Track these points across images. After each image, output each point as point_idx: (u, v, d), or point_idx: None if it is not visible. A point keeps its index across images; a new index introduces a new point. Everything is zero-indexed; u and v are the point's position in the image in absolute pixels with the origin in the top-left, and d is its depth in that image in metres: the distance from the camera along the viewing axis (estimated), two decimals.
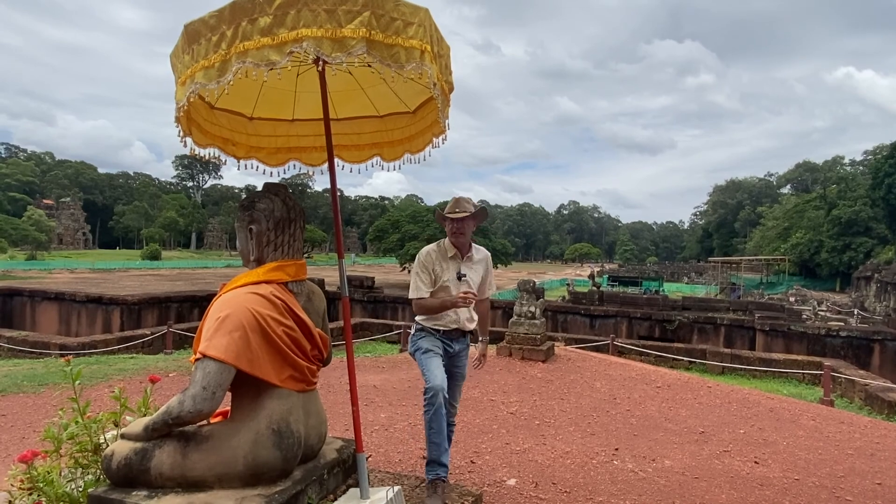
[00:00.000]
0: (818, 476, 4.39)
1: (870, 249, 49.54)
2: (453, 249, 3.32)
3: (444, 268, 3.30)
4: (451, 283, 3.29)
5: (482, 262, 3.47)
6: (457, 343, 3.36)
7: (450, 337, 3.33)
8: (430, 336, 3.31)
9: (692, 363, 11.42)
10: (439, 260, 3.31)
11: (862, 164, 71.86)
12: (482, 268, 3.46)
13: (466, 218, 3.27)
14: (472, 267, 3.39)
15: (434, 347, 3.27)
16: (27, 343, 10.60)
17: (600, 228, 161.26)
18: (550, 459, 4.46)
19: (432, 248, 3.36)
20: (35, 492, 2.18)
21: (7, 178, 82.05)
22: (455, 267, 3.32)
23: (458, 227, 3.26)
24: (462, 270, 3.31)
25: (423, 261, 3.30)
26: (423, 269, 3.28)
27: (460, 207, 3.27)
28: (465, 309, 3.32)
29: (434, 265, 3.30)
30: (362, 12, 1.98)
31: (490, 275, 3.54)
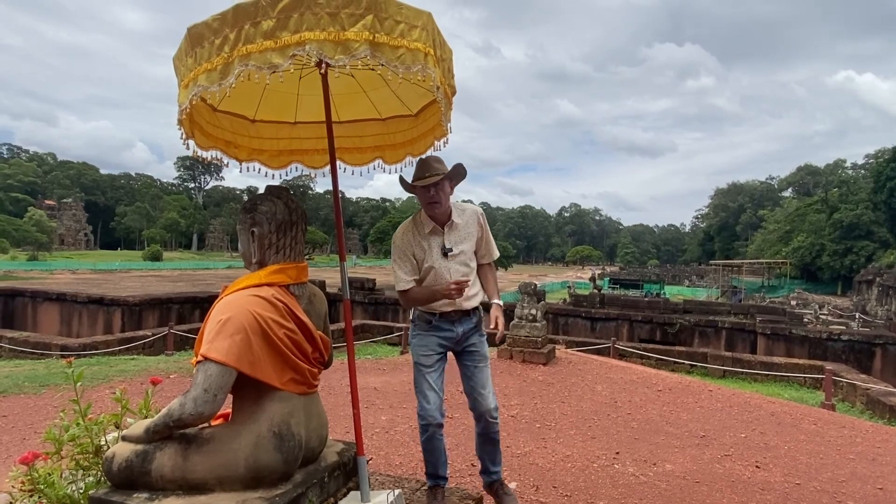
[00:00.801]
0: (819, 481, 4.38)
1: (871, 253, 49.50)
2: (430, 223, 2.83)
3: (424, 247, 2.82)
4: (438, 264, 2.80)
5: (471, 223, 2.93)
6: (459, 325, 2.90)
7: (448, 320, 2.89)
8: (424, 333, 2.91)
9: (693, 366, 11.41)
10: (417, 239, 2.84)
11: (863, 168, 71.80)
12: (473, 230, 2.94)
13: (441, 181, 2.73)
14: (460, 235, 2.89)
15: (426, 356, 2.89)
16: (28, 344, 10.61)
17: (601, 231, 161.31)
18: (551, 463, 4.45)
19: (406, 225, 2.88)
20: (36, 493, 2.18)
21: (9, 179, 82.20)
22: (437, 242, 2.83)
23: (433, 196, 2.73)
24: (447, 244, 2.82)
25: (398, 245, 2.84)
26: (401, 255, 2.84)
27: (430, 170, 2.73)
28: None
29: (412, 247, 2.83)
30: (365, 15, 1.99)
31: (487, 234, 3.01)
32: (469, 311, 2.94)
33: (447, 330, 2.89)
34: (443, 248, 2.81)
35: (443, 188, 2.75)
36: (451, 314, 2.89)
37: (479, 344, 2.99)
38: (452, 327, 2.90)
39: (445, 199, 2.78)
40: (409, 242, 2.83)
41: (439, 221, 2.84)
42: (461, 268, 2.87)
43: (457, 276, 2.80)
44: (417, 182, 2.73)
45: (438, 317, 2.88)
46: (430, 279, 2.83)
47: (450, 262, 2.81)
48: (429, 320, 2.89)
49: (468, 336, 2.95)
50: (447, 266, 2.81)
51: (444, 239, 2.84)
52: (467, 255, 2.89)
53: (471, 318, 2.95)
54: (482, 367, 2.98)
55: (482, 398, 2.94)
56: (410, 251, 2.82)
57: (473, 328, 2.96)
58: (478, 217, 2.98)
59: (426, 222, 2.83)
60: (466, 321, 2.93)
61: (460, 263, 2.85)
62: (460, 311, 2.90)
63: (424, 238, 2.83)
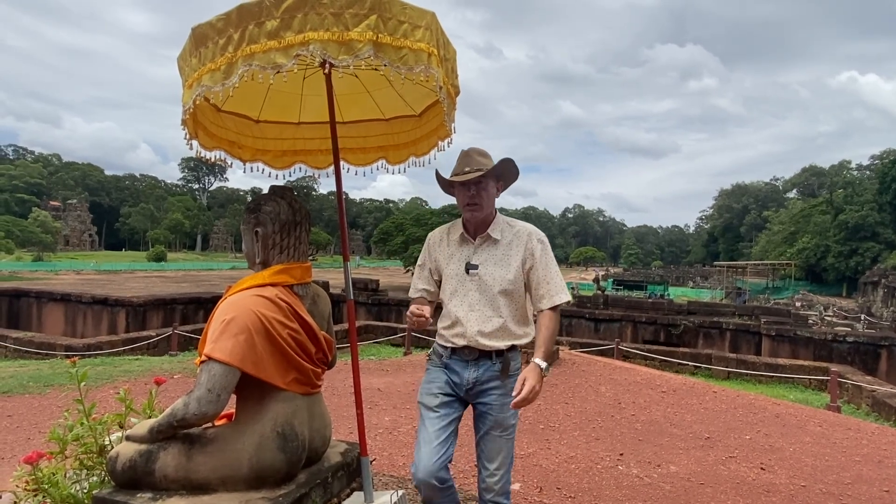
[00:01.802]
0: (825, 483, 4.36)
1: (877, 254, 49.31)
2: (460, 229, 2.35)
3: (448, 254, 2.36)
4: (456, 279, 2.31)
5: (517, 245, 2.30)
6: (472, 369, 2.27)
7: (460, 359, 2.30)
8: (434, 367, 2.39)
9: (697, 368, 11.37)
10: (444, 243, 2.38)
11: (869, 169, 71.54)
12: (518, 255, 2.29)
13: (484, 179, 2.26)
14: (495, 254, 2.29)
15: (430, 394, 2.31)
16: (33, 344, 10.65)
17: (605, 232, 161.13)
18: (555, 464, 4.44)
19: (443, 227, 2.47)
20: (40, 493, 2.19)
21: (14, 180, 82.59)
22: (464, 255, 2.32)
23: (472, 196, 2.25)
24: (473, 260, 2.29)
25: (425, 246, 2.48)
26: (423, 257, 2.45)
27: (471, 164, 2.26)
28: (474, 316, 2.25)
29: (436, 251, 2.40)
30: (369, 15, 1.99)
31: (545, 267, 2.29)
32: (489, 354, 2.26)
33: (455, 372, 2.31)
34: (468, 264, 2.29)
35: (486, 188, 2.27)
36: (464, 351, 2.28)
37: (496, 403, 2.26)
38: (463, 370, 2.29)
39: (488, 202, 2.28)
40: (436, 245, 2.40)
41: (473, 230, 2.33)
42: (480, 296, 2.26)
43: (475, 302, 2.26)
44: (456, 178, 2.26)
45: (449, 353, 2.32)
46: (449, 294, 2.33)
47: (470, 283, 2.27)
48: (440, 354, 2.37)
49: (482, 387, 2.27)
50: (466, 286, 2.28)
51: (472, 253, 2.31)
52: (499, 282, 2.25)
53: (490, 364, 2.27)
54: (495, 436, 2.27)
55: (488, 476, 2.29)
56: (434, 255, 2.39)
57: (492, 379, 2.26)
58: (531, 241, 2.30)
59: (458, 228, 2.37)
60: (483, 366, 2.27)
61: (483, 289, 2.26)
62: (475, 349, 2.25)
63: (452, 245, 2.36)
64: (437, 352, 2.39)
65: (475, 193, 2.26)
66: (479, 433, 2.33)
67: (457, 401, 2.32)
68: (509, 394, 2.17)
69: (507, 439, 2.28)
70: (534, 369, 2.13)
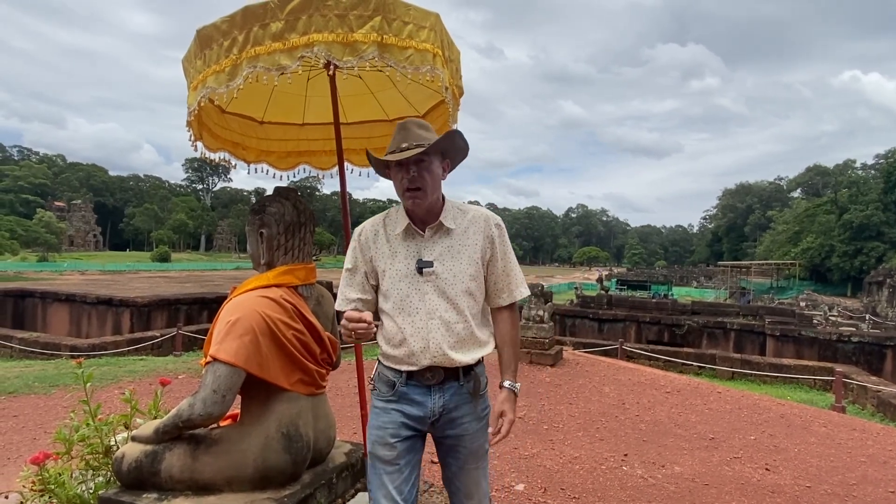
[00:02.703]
0: (830, 483, 4.35)
1: (882, 254, 49.09)
2: (405, 219, 1.85)
3: (390, 252, 1.85)
4: (405, 283, 1.82)
5: (474, 233, 1.88)
6: (437, 395, 1.83)
7: (421, 385, 1.83)
8: (383, 405, 1.86)
9: (702, 368, 11.34)
10: (381, 238, 1.88)
11: (873, 168, 71.21)
12: (476, 244, 1.87)
13: (426, 157, 1.79)
14: (450, 246, 1.85)
15: (384, 444, 1.82)
16: (38, 344, 10.69)
17: (609, 232, 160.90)
18: (559, 465, 4.44)
19: (375, 221, 1.94)
20: (46, 493, 2.20)
21: (19, 181, 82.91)
22: (410, 251, 1.84)
23: (413, 178, 1.78)
24: (425, 255, 1.82)
25: (353, 246, 1.94)
26: (353, 259, 1.92)
27: (409, 139, 1.79)
28: (436, 325, 1.79)
29: (370, 251, 1.88)
30: (373, 17, 2.00)
31: (505, 257, 1.92)
32: (456, 372, 1.84)
33: (417, 403, 1.83)
34: (418, 261, 1.81)
35: (429, 168, 1.79)
36: (425, 374, 1.81)
37: (469, 433, 1.86)
38: (425, 398, 1.83)
39: (433, 185, 1.81)
40: (370, 242, 1.88)
41: (420, 220, 1.85)
42: (440, 299, 1.81)
43: (435, 307, 1.80)
44: (391, 156, 1.78)
45: (405, 378, 1.83)
46: (394, 303, 1.83)
47: (426, 284, 1.81)
48: (391, 382, 1.85)
49: (450, 416, 1.84)
50: (419, 289, 1.81)
51: (422, 247, 1.84)
52: (461, 279, 1.83)
53: (459, 385, 1.85)
54: (471, 469, 1.90)
55: None
56: (368, 254, 1.87)
57: (463, 403, 1.85)
58: (489, 227, 1.90)
59: (400, 219, 1.87)
60: (450, 389, 1.84)
61: (443, 291, 1.81)
62: (440, 368, 1.81)
63: (394, 240, 1.86)
64: (386, 380, 1.86)
65: (416, 175, 1.77)
66: (449, 469, 1.91)
67: (418, 439, 1.88)
68: (482, 418, 1.89)
69: (484, 469, 1.94)
70: (509, 398, 1.86)
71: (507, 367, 1.92)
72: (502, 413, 1.84)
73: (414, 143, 1.77)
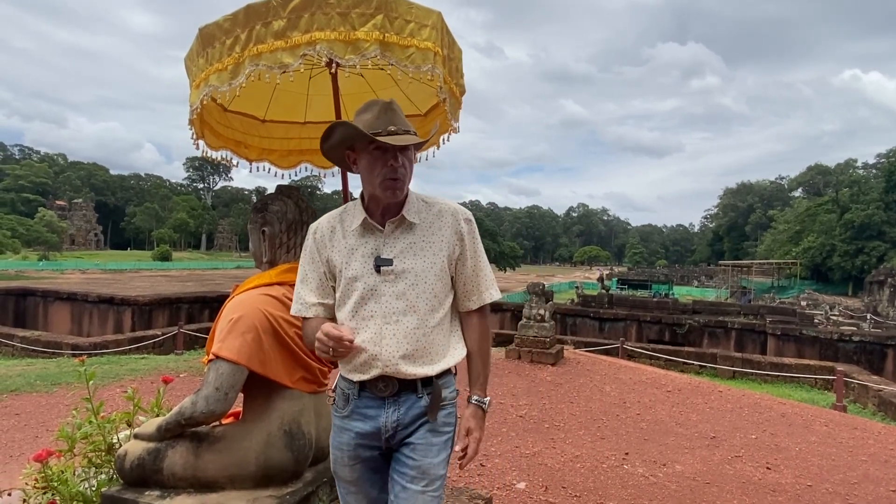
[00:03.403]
0: (831, 482, 4.35)
1: (883, 253, 49.05)
2: (361, 213, 1.66)
3: (347, 249, 1.66)
4: (361, 283, 1.62)
5: (440, 228, 1.69)
6: (391, 409, 1.63)
7: (372, 395, 1.64)
8: (339, 422, 1.71)
9: (702, 367, 11.34)
10: (338, 235, 1.69)
11: (875, 168, 71.15)
12: (444, 240, 1.68)
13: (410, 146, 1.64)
14: (413, 242, 1.65)
15: (343, 465, 1.70)
16: (40, 343, 10.70)
17: (609, 231, 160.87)
18: (560, 463, 4.44)
19: (331, 216, 1.75)
20: (49, 491, 2.21)
21: (21, 180, 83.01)
22: (369, 247, 1.65)
23: (399, 167, 1.60)
24: (385, 253, 1.63)
25: (307, 244, 1.75)
26: (310, 259, 1.73)
27: (398, 122, 1.61)
28: (391, 331, 1.60)
29: (327, 246, 1.69)
30: (375, 15, 2.00)
31: (475, 254, 1.74)
32: (413, 385, 1.64)
33: (368, 417, 1.64)
34: (376, 260, 1.62)
35: (411, 159, 1.67)
36: (377, 385, 1.62)
37: (421, 443, 1.63)
38: (378, 412, 1.63)
39: (410, 177, 1.68)
40: (326, 238, 1.69)
41: (380, 214, 1.66)
42: (398, 301, 1.61)
43: (391, 311, 1.61)
44: (387, 138, 1.56)
45: (357, 390, 1.65)
46: (349, 306, 1.64)
47: (384, 284, 1.61)
48: (346, 395, 1.69)
49: (406, 431, 1.63)
50: (378, 289, 1.61)
51: (382, 243, 1.64)
52: (423, 279, 1.63)
53: (416, 398, 1.64)
54: (416, 491, 1.60)
55: None
56: (325, 253, 1.68)
57: (419, 418, 1.64)
58: (458, 222, 1.71)
59: (357, 213, 1.67)
60: (405, 403, 1.63)
61: (402, 292, 1.61)
62: (393, 379, 1.62)
63: (351, 236, 1.67)
64: (342, 392, 1.70)
65: (403, 164, 1.60)
66: (393, 490, 1.64)
67: (380, 458, 1.69)
68: (441, 431, 1.65)
69: (435, 497, 1.61)
70: (476, 414, 1.70)
71: (475, 379, 1.75)
72: (469, 430, 1.67)
73: (402, 129, 1.60)
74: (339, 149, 1.70)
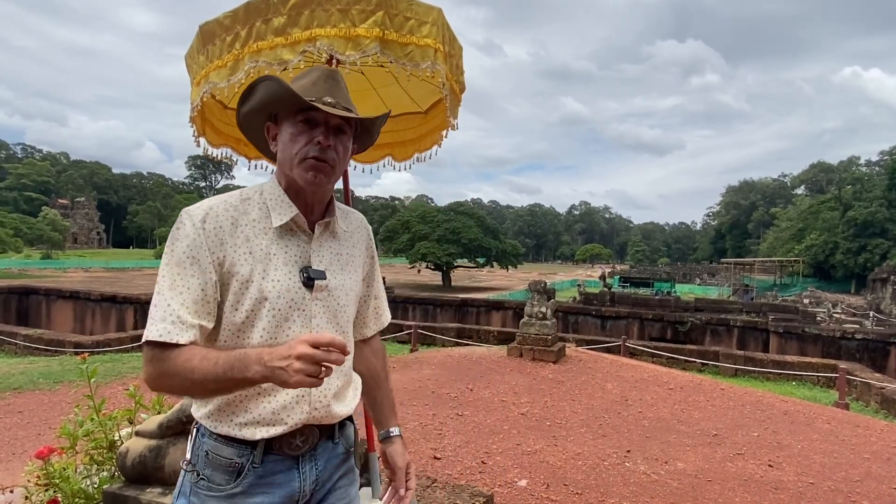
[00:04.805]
0: (833, 480, 4.34)
1: (886, 251, 48.89)
2: (291, 208, 1.27)
3: (262, 253, 1.23)
4: (283, 301, 1.22)
5: (359, 239, 1.44)
6: (310, 465, 1.28)
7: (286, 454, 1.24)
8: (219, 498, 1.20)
9: (705, 365, 11.33)
10: (242, 230, 1.23)
11: (878, 165, 70.98)
12: (360, 256, 1.43)
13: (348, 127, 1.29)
14: (340, 253, 1.35)
15: None
16: (42, 341, 10.73)
17: (611, 229, 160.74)
18: (562, 461, 4.44)
19: (229, 202, 1.25)
20: (51, 488, 2.21)
21: (23, 178, 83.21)
22: (291, 255, 1.26)
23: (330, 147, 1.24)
24: (316, 264, 1.28)
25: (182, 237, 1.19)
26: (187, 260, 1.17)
27: (340, 96, 1.26)
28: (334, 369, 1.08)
29: (225, 244, 1.20)
30: (376, 11, 1.99)
31: (378, 275, 1.55)
32: (331, 430, 1.33)
33: (275, 487, 1.23)
34: (305, 270, 1.26)
35: (346, 145, 1.29)
36: (294, 440, 1.25)
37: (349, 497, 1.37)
38: (291, 476, 1.25)
39: (341, 168, 1.30)
40: (227, 234, 1.21)
41: (311, 213, 1.31)
42: (328, 326, 1.30)
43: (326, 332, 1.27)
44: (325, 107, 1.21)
45: (261, 452, 1.22)
46: (262, 332, 1.21)
47: (313, 305, 1.27)
48: (233, 465, 1.21)
49: (327, 485, 1.32)
50: (305, 311, 1.26)
51: (306, 250, 1.29)
52: (352, 300, 1.39)
53: (332, 445, 1.34)
54: None
55: None
56: (218, 256, 1.19)
57: (337, 469, 1.35)
58: (370, 236, 1.50)
59: (277, 205, 1.27)
60: (323, 454, 1.31)
61: (333, 315, 1.31)
62: (315, 427, 1.28)
63: (264, 236, 1.24)
64: (222, 463, 1.21)
65: (335, 147, 1.25)
66: None
67: None
68: (355, 480, 1.42)
69: None
70: (402, 447, 1.49)
71: (390, 409, 1.54)
72: (407, 466, 1.46)
73: (343, 104, 1.25)
74: (260, 116, 1.31)
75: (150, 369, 1.12)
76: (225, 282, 1.20)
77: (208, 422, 1.23)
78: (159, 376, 1.12)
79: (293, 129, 1.24)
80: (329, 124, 1.24)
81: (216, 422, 1.22)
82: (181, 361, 1.10)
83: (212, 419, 1.23)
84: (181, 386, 1.13)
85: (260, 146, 1.40)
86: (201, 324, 1.16)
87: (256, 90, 1.26)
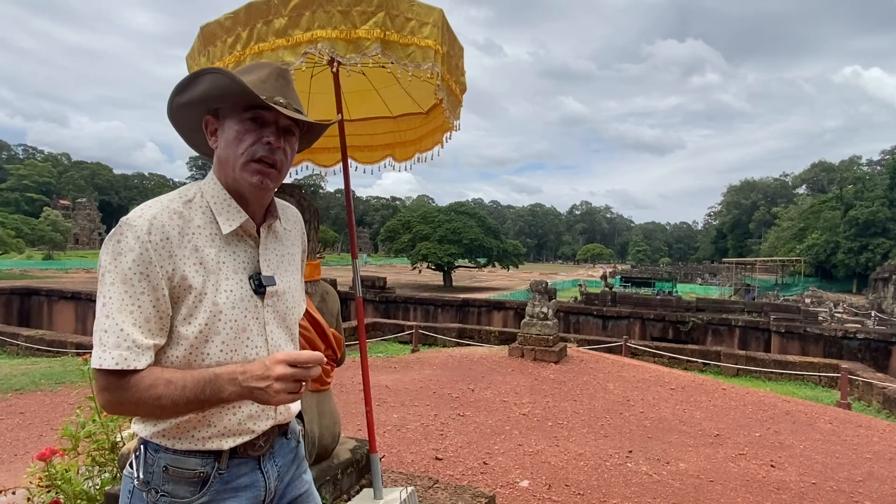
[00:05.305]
0: (836, 480, 4.33)
1: (887, 250, 48.82)
2: (239, 213, 1.22)
3: (213, 262, 1.16)
4: (237, 310, 1.18)
5: (296, 236, 1.41)
6: (269, 464, 1.28)
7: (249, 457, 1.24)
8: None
9: (706, 365, 11.32)
10: (189, 240, 1.15)
11: (879, 164, 70.84)
12: (299, 251, 1.42)
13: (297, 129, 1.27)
14: (284, 257, 1.33)
15: None
16: (44, 342, 10.74)
17: (613, 229, 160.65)
18: (563, 461, 4.44)
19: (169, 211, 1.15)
20: (53, 489, 2.21)
21: (24, 179, 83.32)
22: (240, 261, 1.22)
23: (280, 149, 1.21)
24: (265, 269, 1.25)
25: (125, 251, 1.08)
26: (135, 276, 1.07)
27: (289, 97, 1.24)
28: None
29: (174, 255, 1.12)
30: (377, 13, 1.99)
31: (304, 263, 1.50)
32: (286, 426, 1.35)
33: (242, 489, 1.22)
34: (255, 277, 1.23)
35: (293, 147, 1.28)
36: (258, 444, 1.25)
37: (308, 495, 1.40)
38: (255, 476, 1.25)
39: (287, 170, 1.27)
40: (172, 248, 1.12)
41: (253, 216, 1.25)
42: (281, 332, 1.29)
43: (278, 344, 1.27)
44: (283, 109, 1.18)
45: (226, 460, 1.19)
46: (220, 344, 1.17)
47: (265, 312, 1.24)
48: (197, 476, 1.17)
49: (285, 478, 1.34)
50: (259, 318, 1.23)
51: (253, 255, 1.25)
52: (297, 301, 1.37)
53: (286, 441, 1.36)
54: None
55: None
56: (167, 269, 1.11)
57: (291, 462, 1.37)
58: (302, 227, 1.47)
59: (224, 209, 1.21)
60: (280, 450, 1.33)
61: (283, 321, 1.30)
62: (278, 426, 1.31)
63: (211, 243, 1.18)
64: (185, 476, 1.16)
65: (283, 149, 1.22)
66: None
67: None
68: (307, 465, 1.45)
69: None
70: None
71: None
72: None
73: (294, 106, 1.23)
74: (199, 109, 1.23)
75: (109, 397, 1.06)
76: (176, 295, 1.13)
77: (164, 440, 1.16)
78: (119, 404, 1.08)
79: (239, 127, 1.19)
80: (279, 125, 1.21)
81: (174, 440, 1.16)
82: (143, 388, 1.05)
83: (168, 437, 1.16)
84: (146, 412, 1.10)
85: (192, 140, 1.33)
86: (156, 343, 1.11)
87: (199, 81, 1.18)
